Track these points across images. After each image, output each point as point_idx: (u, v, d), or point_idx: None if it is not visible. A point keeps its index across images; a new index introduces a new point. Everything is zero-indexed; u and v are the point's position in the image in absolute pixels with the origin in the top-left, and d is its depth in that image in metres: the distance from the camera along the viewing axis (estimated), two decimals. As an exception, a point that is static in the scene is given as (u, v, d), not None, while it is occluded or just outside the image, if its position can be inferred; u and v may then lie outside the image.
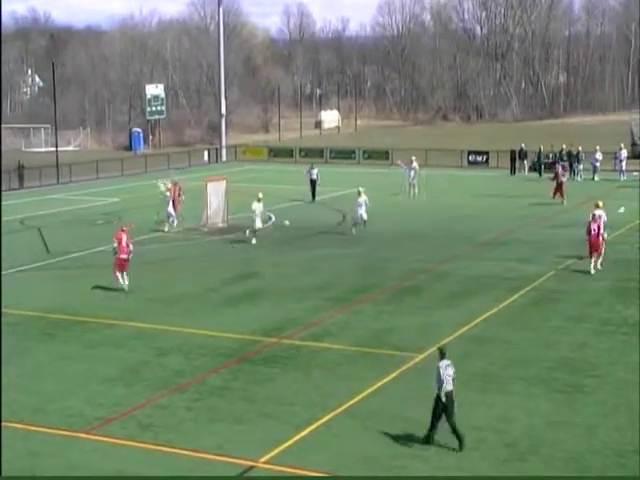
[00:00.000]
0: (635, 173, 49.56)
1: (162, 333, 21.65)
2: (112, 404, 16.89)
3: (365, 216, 34.20)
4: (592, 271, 27.04)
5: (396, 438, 15.22)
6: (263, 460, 14.43)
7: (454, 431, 14.73)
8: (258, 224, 33.06)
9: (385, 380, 18.01)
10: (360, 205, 34.21)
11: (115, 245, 25.61)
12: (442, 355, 15.12)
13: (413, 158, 46.05)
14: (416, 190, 44.65)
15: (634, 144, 55.26)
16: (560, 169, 43.60)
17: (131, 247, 25.63)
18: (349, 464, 14.33)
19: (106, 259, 27.92)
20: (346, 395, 17.12)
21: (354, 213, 34.61)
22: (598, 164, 51.13)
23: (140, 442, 15.19)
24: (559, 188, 41.91)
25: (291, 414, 16.39)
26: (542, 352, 19.81)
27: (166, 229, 35.57)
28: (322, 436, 15.44)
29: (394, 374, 18.38)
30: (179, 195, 37.27)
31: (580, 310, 23.32)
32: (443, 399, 14.71)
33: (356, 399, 16.99)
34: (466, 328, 21.60)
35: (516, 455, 14.56)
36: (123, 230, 25.87)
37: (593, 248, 27.20)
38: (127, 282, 25.33)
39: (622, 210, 34.49)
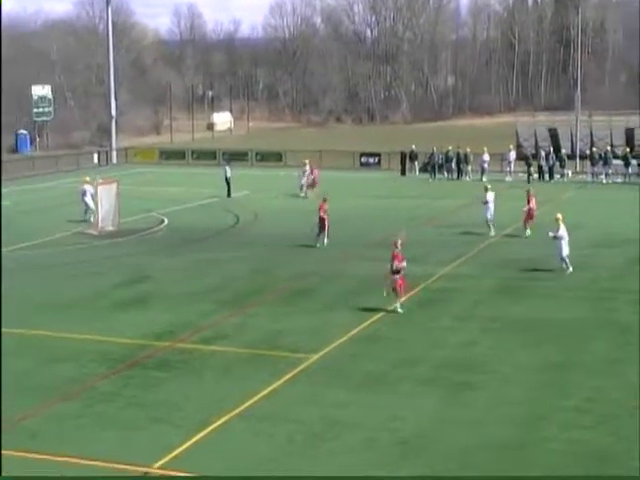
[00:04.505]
0: (521, 174, 50.94)
1: (51, 340, 21.26)
2: (-1, 414, 16.50)
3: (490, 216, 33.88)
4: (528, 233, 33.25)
5: (290, 440, 15.35)
6: (157, 466, 14.35)
7: None
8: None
9: (279, 382, 18.10)
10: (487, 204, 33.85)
11: None
12: None
13: (307, 161, 46.91)
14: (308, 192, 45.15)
15: (519, 146, 56.80)
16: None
17: None
18: (243, 466, 14.38)
19: None
20: (239, 398, 17.14)
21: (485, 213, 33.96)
22: (486, 165, 52.40)
23: (28, 452, 14.90)
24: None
25: (184, 418, 16.33)
26: (431, 351, 20.23)
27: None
28: (215, 439, 15.45)
29: (288, 376, 18.49)
30: None
31: (468, 309, 23.90)
32: None
33: (250, 402, 17.03)
34: (357, 329, 21.87)
35: (411, 452, 14.83)
36: None
37: (528, 217, 33.51)
38: None
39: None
